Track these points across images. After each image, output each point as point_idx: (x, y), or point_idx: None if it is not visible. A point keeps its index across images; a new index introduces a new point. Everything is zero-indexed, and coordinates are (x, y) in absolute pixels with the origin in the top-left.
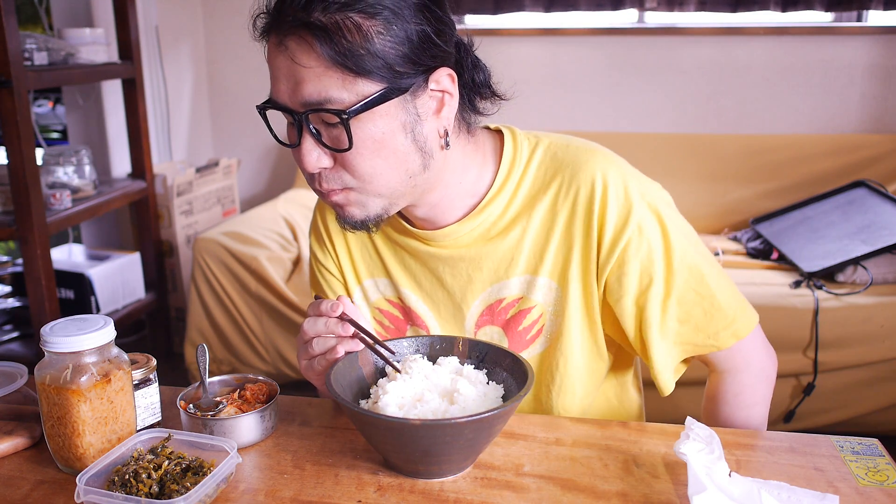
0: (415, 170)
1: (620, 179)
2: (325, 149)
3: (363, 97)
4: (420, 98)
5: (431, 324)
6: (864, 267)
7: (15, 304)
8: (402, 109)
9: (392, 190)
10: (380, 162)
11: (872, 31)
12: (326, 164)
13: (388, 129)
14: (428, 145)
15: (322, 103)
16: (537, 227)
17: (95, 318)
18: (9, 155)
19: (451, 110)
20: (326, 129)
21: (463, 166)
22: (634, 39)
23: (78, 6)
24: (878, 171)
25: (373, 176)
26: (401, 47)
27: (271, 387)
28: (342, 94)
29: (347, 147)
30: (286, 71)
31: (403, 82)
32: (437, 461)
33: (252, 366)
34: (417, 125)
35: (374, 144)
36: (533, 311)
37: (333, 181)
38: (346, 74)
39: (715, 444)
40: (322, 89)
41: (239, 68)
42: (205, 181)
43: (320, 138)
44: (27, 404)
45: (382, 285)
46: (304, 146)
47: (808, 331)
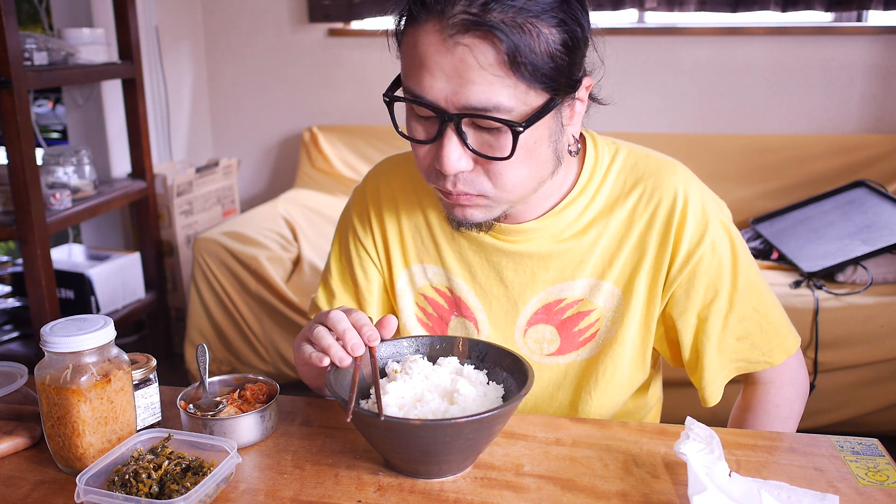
0: (546, 177)
1: (700, 196)
2: (470, 152)
3: (531, 107)
4: (564, 107)
5: (480, 317)
6: (864, 267)
7: (15, 304)
8: (553, 120)
9: (523, 196)
10: (524, 171)
11: (872, 31)
12: (466, 167)
13: (539, 139)
14: (561, 153)
15: (489, 110)
16: (612, 233)
17: (95, 318)
18: (9, 155)
19: (580, 117)
20: (476, 132)
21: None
22: (634, 39)
23: (78, 6)
24: (878, 171)
25: (515, 185)
26: (567, 57)
27: (271, 387)
28: (511, 102)
29: (507, 156)
30: (450, 70)
31: (565, 92)
32: (437, 461)
33: (252, 366)
34: (560, 134)
35: (526, 154)
36: (591, 315)
37: (470, 185)
38: (519, 82)
39: (715, 444)
40: (493, 95)
41: (239, 68)
42: (205, 181)
43: (465, 141)
44: (27, 404)
45: (431, 272)
46: (448, 147)
47: (808, 331)
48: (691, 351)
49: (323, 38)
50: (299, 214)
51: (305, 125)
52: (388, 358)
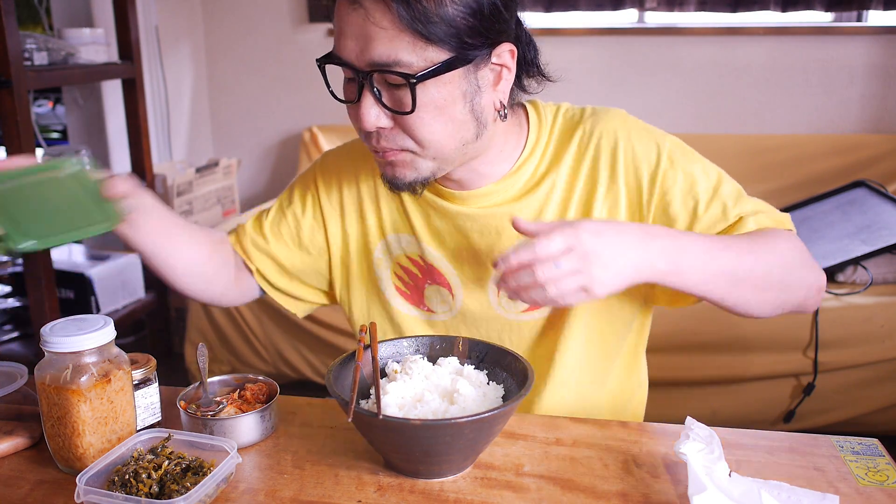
0: (468, 138)
1: (639, 124)
2: (384, 109)
3: (431, 63)
4: (481, 70)
5: (454, 281)
6: (864, 267)
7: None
8: (464, 79)
9: (445, 155)
10: (438, 127)
11: (872, 31)
12: (385, 123)
13: (449, 97)
14: (484, 116)
15: (391, 65)
16: (564, 179)
17: (95, 318)
18: (9, 155)
19: (508, 84)
20: (388, 90)
21: (506, 137)
22: (634, 39)
23: (78, 6)
24: (878, 171)
25: (430, 141)
26: (472, 18)
27: (271, 387)
28: (411, 59)
29: (410, 110)
30: (358, 29)
31: (470, 53)
32: (437, 461)
33: (252, 366)
34: (476, 96)
35: (435, 110)
36: None
37: (391, 141)
38: (417, 39)
39: (715, 444)
40: (393, 51)
41: (239, 68)
42: (205, 181)
43: (380, 98)
44: (27, 404)
45: (405, 241)
46: (363, 104)
47: (808, 331)
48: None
49: (323, 38)
50: None
51: (305, 125)
52: (389, 358)
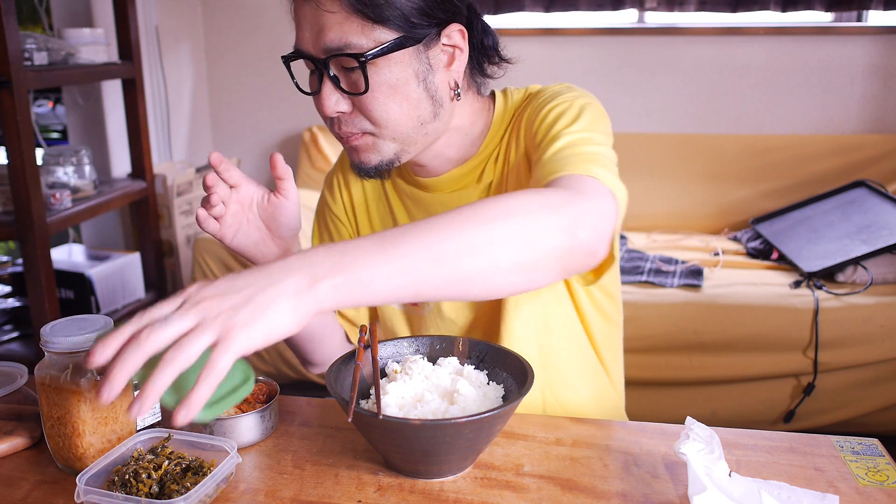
0: (426, 117)
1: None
2: (343, 93)
3: (380, 43)
4: (432, 50)
5: None
6: (864, 267)
7: (15, 304)
8: (415, 58)
9: (405, 135)
10: (394, 107)
11: (872, 31)
12: (344, 108)
13: (401, 76)
14: (439, 94)
15: (342, 48)
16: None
17: (95, 318)
18: (9, 155)
19: (461, 64)
20: (345, 74)
21: (471, 121)
22: (634, 39)
23: (78, 6)
24: (878, 171)
25: (387, 120)
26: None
27: (271, 387)
28: (361, 41)
29: (364, 90)
30: (311, 18)
31: (418, 32)
32: (437, 461)
33: (252, 366)
34: (429, 75)
35: (389, 89)
36: None
37: (352, 125)
38: (365, 22)
39: (715, 444)
40: (343, 35)
41: (239, 68)
42: None
43: (339, 84)
44: (27, 404)
45: None
46: (323, 91)
47: (808, 331)
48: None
49: None
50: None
51: (305, 125)
52: (389, 358)
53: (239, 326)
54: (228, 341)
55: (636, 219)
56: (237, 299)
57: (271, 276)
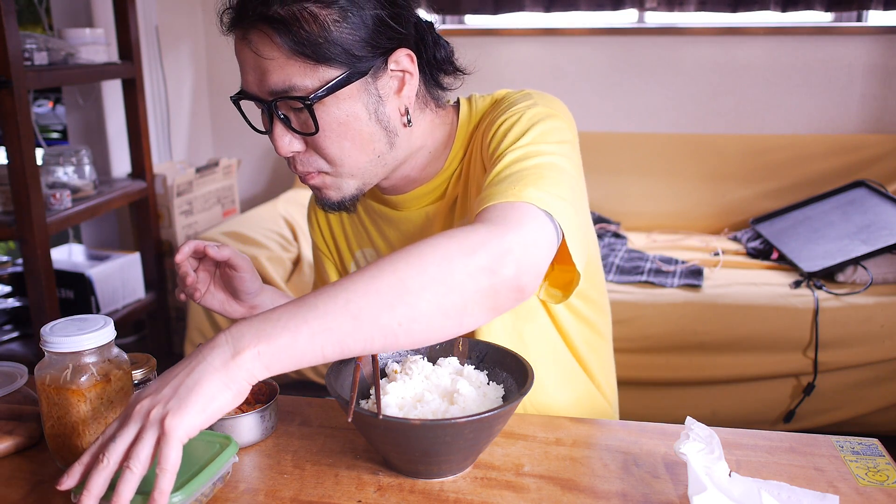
0: (382, 149)
1: (520, 93)
2: (294, 134)
3: (325, 82)
4: (381, 79)
5: None
6: (864, 267)
7: (15, 304)
8: (363, 91)
9: (363, 170)
10: (347, 144)
11: (872, 31)
12: (298, 147)
13: (351, 112)
14: (392, 124)
15: (286, 91)
16: (464, 169)
17: (95, 318)
18: (9, 155)
19: (412, 88)
20: (295, 114)
21: (432, 137)
22: (634, 39)
23: (78, 6)
24: (878, 171)
25: (342, 158)
26: (358, 32)
27: (271, 387)
28: (305, 82)
29: (314, 131)
30: (252, 63)
31: (362, 65)
32: (437, 461)
33: None
34: (380, 106)
35: (340, 127)
36: None
37: (308, 164)
38: (306, 63)
39: (715, 444)
40: (286, 78)
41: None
42: (205, 181)
43: (290, 124)
44: (27, 404)
45: (369, 255)
46: (275, 132)
47: (808, 331)
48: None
49: None
50: (299, 214)
51: None
52: (389, 358)
53: (172, 415)
54: (167, 433)
55: (636, 219)
56: (168, 391)
57: (199, 356)
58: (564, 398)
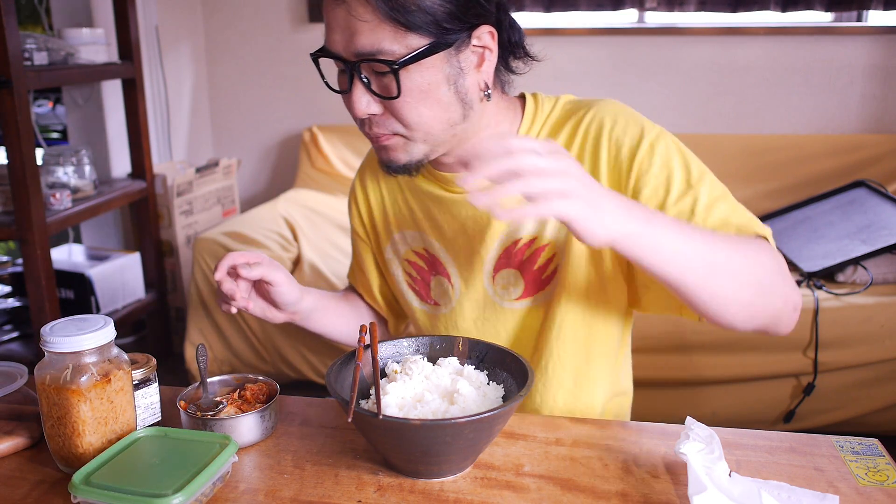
0: (456, 119)
1: (628, 111)
2: (374, 96)
3: (412, 50)
4: (463, 53)
5: (452, 271)
6: (864, 267)
7: (15, 304)
8: (446, 62)
9: (434, 137)
10: (425, 110)
11: (872, 31)
12: (375, 110)
13: (433, 80)
14: (469, 97)
15: (374, 54)
16: None
17: (95, 318)
18: (9, 155)
19: (491, 65)
20: (376, 77)
21: (496, 120)
22: (634, 39)
23: (78, 6)
24: (878, 171)
25: (418, 123)
26: (448, 5)
27: (271, 387)
28: (393, 47)
29: (396, 95)
30: (342, 22)
31: (449, 37)
32: (437, 461)
33: (252, 366)
34: (460, 78)
35: (420, 94)
36: (547, 249)
37: (383, 126)
38: (397, 28)
39: (715, 444)
40: (375, 41)
41: (239, 68)
42: (205, 181)
43: (370, 86)
44: (27, 404)
45: (410, 237)
46: (354, 93)
47: (808, 331)
48: None
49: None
50: (299, 214)
51: (305, 125)
52: (389, 358)
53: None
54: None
55: None
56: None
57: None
58: (601, 400)
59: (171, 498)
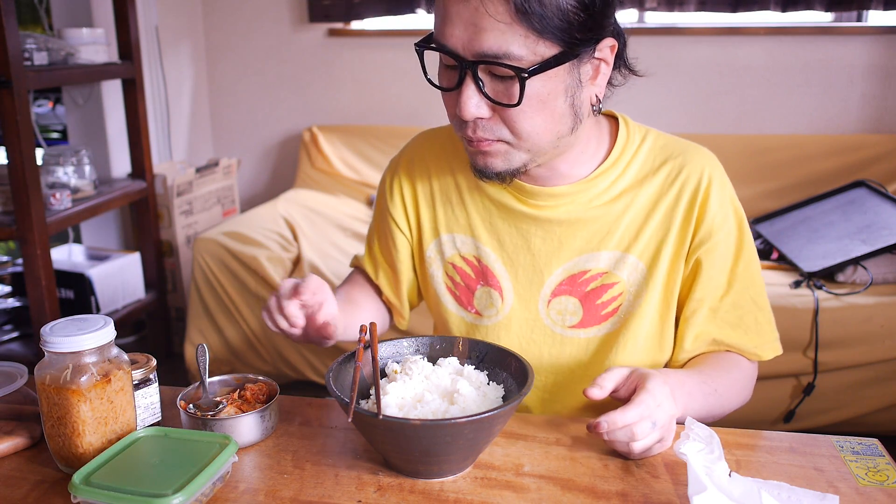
0: (564, 132)
1: (723, 180)
2: (486, 100)
3: (542, 57)
4: (585, 65)
5: (506, 285)
6: (864, 267)
7: (15, 304)
8: (568, 73)
9: (539, 147)
10: (539, 120)
11: (872, 31)
12: (484, 114)
13: (553, 91)
14: (582, 110)
15: (500, 57)
16: (640, 207)
17: (95, 318)
18: (9, 155)
19: (605, 78)
20: (492, 80)
21: (587, 137)
22: (634, 39)
23: (78, 6)
24: (878, 171)
25: (530, 133)
26: (583, 13)
27: (271, 387)
28: (522, 51)
29: (516, 103)
30: (467, 17)
31: (578, 48)
32: (437, 461)
33: (252, 366)
34: (577, 90)
35: (539, 104)
36: (615, 288)
37: (489, 131)
38: (530, 33)
39: (715, 444)
40: (504, 43)
41: (239, 68)
42: (205, 181)
43: (483, 89)
44: (27, 404)
45: (460, 241)
46: (465, 93)
47: (808, 331)
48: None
49: (323, 38)
50: (299, 214)
51: (305, 125)
52: (389, 358)
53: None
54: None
55: None
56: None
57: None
58: None
59: (171, 498)
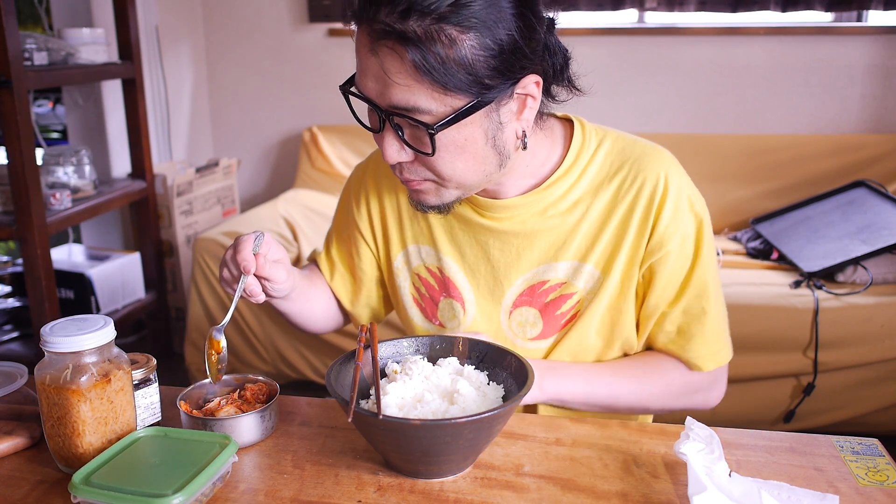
0: (491, 169)
1: (679, 184)
2: (405, 146)
3: (452, 109)
4: (504, 105)
5: (468, 297)
6: (864, 267)
7: (15, 304)
8: (486, 118)
9: (468, 185)
10: (460, 165)
11: (872, 31)
12: (406, 158)
13: (470, 136)
14: (507, 148)
15: (410, 111)
16: (596, 215)
17: (95, 318)
18: (9, 155)
19: (532, 112)
20: (410, 128)
21: (533, 151)
22: (634, 39)
23: (78, 6)
24: (878, 171)
25: (452, 175)
26: (492, 60)
27: (271, 387)
28: (430, 105)
29: (430, 153)
30: (376, 72)
31: (491, 95)
32: (437, 461)
33: (252, 366)
34: (499, 132)
35: (456, 150)
36: (573, 298)
37: (414, 173)
38: (435, 88)
39: (715, 444)
40: (411, 97)
41: (239, 68)
42: (205, 181)
43: (402, 134)
44: (27, 404)
45: (424, 252)
46: (385, 139)
47: (808, 331)
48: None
49: (323, 38)
50: (299, 214)
51: (305, 125)
52: (389, 358)
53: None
54: None
55: None
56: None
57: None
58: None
59: (171, 498)
